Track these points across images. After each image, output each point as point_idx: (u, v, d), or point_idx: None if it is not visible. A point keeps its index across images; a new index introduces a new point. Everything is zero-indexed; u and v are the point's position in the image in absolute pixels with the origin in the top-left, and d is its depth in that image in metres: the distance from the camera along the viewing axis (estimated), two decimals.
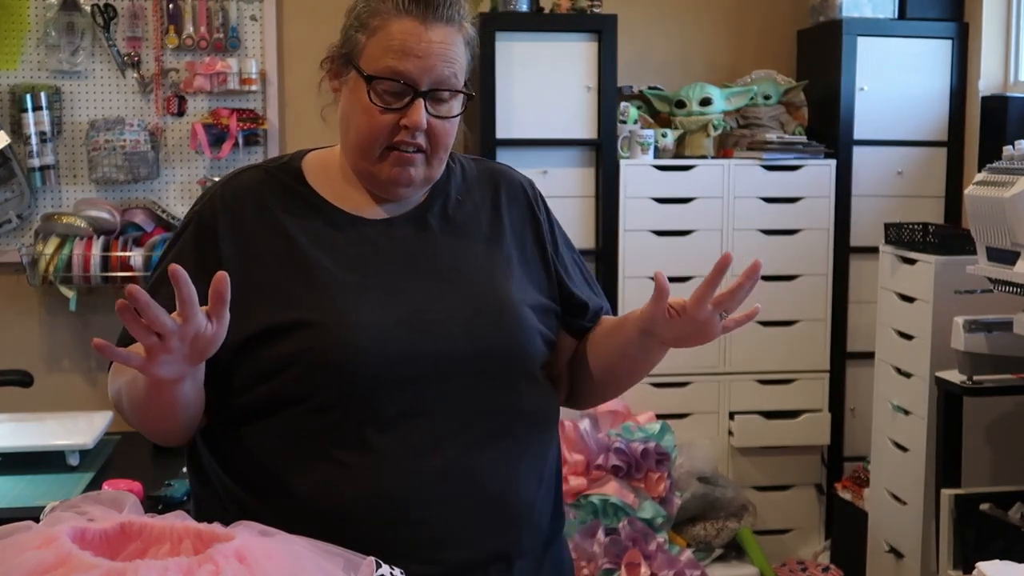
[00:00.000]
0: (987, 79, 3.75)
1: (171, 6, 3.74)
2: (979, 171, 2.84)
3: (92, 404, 3.45)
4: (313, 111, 1.62)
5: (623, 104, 3.75)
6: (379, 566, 1.18)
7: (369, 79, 1.46)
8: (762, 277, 1.42)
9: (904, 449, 3.39)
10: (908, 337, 3.37)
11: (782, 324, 3.80)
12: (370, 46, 1.46)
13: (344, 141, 1.54)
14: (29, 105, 3.63)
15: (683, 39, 4.10)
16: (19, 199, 3.69)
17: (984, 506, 2.91)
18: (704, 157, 3.78)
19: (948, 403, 3.05)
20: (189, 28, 3.75)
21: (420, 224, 1.55)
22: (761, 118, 3.89)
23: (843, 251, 3.83)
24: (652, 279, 1.43)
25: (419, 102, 1.46)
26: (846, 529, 3.79)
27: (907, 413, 3.37)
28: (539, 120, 3.66)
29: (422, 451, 1.44)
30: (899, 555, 3.43)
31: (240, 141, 3.75)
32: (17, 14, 3.70)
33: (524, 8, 3.66)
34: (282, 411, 1.44)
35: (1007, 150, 2.74)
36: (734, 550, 3.74)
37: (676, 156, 3.81)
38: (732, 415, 3.84)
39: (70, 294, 3.64)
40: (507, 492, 1.49)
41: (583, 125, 3.69)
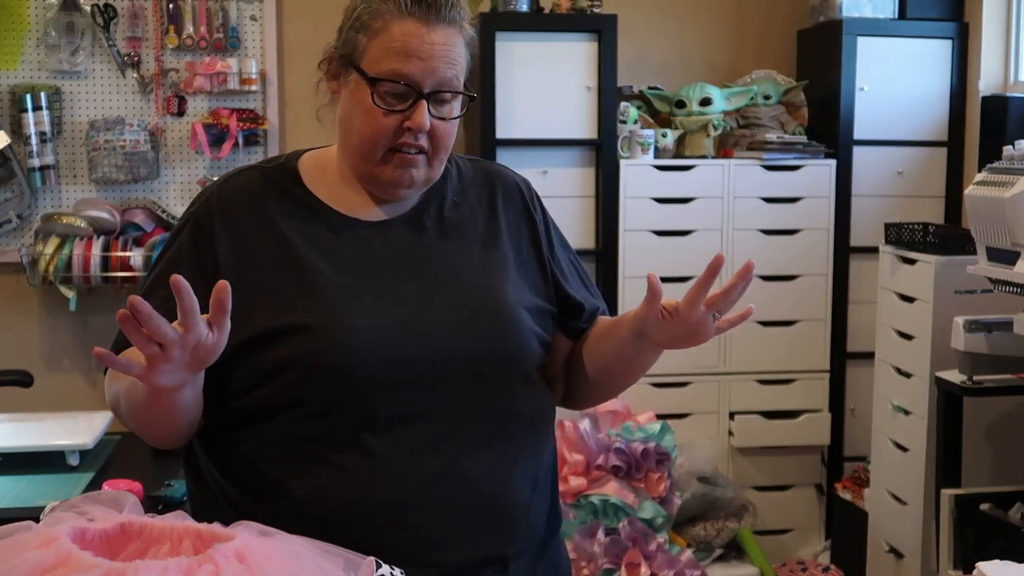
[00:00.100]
0: (987, 79, 3.75)
1: (171, 6, 3.73)
2: (979, 171, 2.84)
3: (92, 404, 3.43)
4: (313, 111, 1.61)
5: (623, 104, 3.75)
6: (379, 566, 1.18)
7: (372, 81, 1.45)
8: (762, 277, 1.43)
9: (904, 449, 3.39)
10: (908, 337, 3.36)
11: (782, 324, 3.79)
12: (372, 48, 1.45)
13: (344, 142, 1.54)
14: (29, 105, 3.63)
15: (683, 39, 4.10)
16: (19, 199, 3.69)
17: (984, 506, 2.91)
18: (704, 157, 3.78)
19: (948, 403, 3.05)
20: (189, 28, 3.75)
21: (416, 226, 1.54)
22: (761, 118, 3.89)
23: (843, 251, 3.83)
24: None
25: (422, 104, 1.45)
26: (846, 529, 3.79)
27: (907, 413, 3.37)
28: (539, 120, 3.66)
29: (418, 453, 1.43)
30: (899, 555, 3.43)
31: (240, 141, 3.75)
32: (17, 14, 3.70)
33: (524, 8, 3.66)
34: (279, 415, 1.44)
35: (1007, 150, 2.74)
36: (734, 550, 3.74)
37: (676, 156, 3.81)
38: (732, 415, 3.84)
39: (70, 294, 3.64)
40: (503, 494, 1.48)
41: (583, 125, 3.68)
